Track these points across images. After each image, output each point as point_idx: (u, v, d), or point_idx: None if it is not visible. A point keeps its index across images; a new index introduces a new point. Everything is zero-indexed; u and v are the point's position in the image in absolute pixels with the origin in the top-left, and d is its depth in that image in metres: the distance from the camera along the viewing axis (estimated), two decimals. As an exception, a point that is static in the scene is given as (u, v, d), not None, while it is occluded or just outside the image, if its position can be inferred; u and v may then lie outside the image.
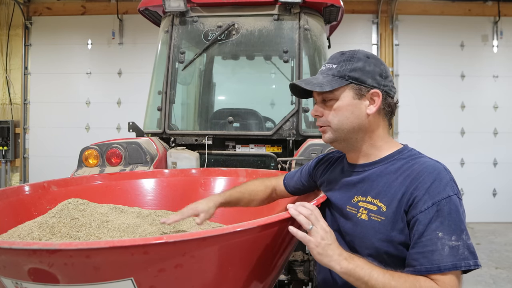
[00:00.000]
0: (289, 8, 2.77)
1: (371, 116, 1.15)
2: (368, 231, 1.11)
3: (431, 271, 0.98)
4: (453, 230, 1.00)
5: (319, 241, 1.01)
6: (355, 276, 0.99)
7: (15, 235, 1.19)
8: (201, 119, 3.35)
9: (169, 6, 2.77)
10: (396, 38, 6.39)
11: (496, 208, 6.25)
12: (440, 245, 0.98)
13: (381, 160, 1.17)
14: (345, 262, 1.00)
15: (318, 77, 1.18)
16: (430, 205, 1.02)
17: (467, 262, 0.98)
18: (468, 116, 6.32)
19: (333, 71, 1.16)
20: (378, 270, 1.00)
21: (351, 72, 1.14)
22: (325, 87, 1.13)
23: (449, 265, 0.97)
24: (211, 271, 0.98)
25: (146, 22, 3.36)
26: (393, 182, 1.11)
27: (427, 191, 1.03)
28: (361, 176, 1.19)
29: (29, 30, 6.58)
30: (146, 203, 1.76)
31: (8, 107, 6.57)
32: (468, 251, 0.99)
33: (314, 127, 2.98)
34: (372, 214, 1.11)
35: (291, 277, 2.42)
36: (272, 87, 3.73)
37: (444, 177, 1.05)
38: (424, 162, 1.11)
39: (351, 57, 1.16)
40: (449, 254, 0.98)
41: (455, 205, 1.02)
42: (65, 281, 0.86)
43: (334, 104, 1.16)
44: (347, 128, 1.16)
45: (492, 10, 6.28)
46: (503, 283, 3.93)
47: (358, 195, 1.17)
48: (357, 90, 1.14)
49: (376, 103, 1.14)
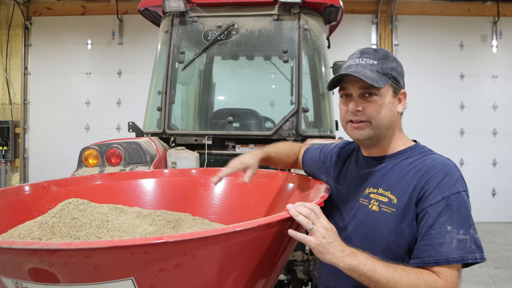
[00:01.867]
0: (288, 8, 2.77)
1: (398, 114, 1.22)
2: (378, 222, 1.14)
3: (439, 263, 1.02)
4: (461, 224, 1.03)
5: (321, 240, 1.02)
6: (358, 272, 1.01)
7: (15, 235, 1.19)
8: (201, 119, 3.35)
9: (169, 6, 2.77)
10: (396, 38, 6.39)
11: (496, 208, 6.26)
12: (449, 238, 1.02)
13: (395, 155, 1.22)
14: (348, 258, 1.02)
15: (365, 71, 1.16)
16: (440, 199, 1.05)
17: (474, 255, 1.02)
18: (468, 116, 6.33)
19: (376, 67, 1.17)
20: (381, 264, 1.02)
21: (392, 71, 1.18)
22: (380, 83, 1.14)
23: (457, 257, 1.01)
24: (211, 271, 0.98)
25: (146, 22, 3.36)
26: (404, 176, 1.14)
27: (438, 186, 1.07)
28: (374, 169, 1.23)
29: (29, 30, 6.58)
30: (146, 203, 1.76)
31: (8, 107, 6.58)
32: (475, 245, 1.02)
33: (313, 127, 2.98)
34: (383, 205, 1.14)
35: (291, 277, 2.42)
36: (272, 87, 3.73)
37: (455, 174, 1.10)
38: (435, 158, 1.15)
39: (386, 56, 1.19)
40: (457, 247, 1.01)
41: (463, 200, 1.06)
42: (65, 281, 0.86)
43: (379, 100, 1.16)
44: (385, 125, 1.18)
45: (491, 10, 6.29)
46: (502, 283, 3.93)
47: (370, 187, 1.21)
48: (394, 89, 1.19)
49: (403, 102, 1.22)
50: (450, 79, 6.32)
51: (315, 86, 3.07)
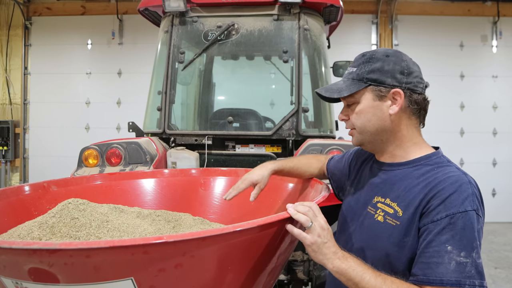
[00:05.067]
0: (288, 8, 2.77)
1: (394, 116, 1.12)
2: (382, 233, 1.11)
3: (432, 283, 0.96)
4: (464, 246, 0.96)
5: (315, 239, 1.01)
6: (346, 276, 0.99)
7: (15, 235, 1.19)
8: (201, 119, 3.35)
9: (169, 6, 2.77)
10: (396, 38, 6.39)
11: (496, 208, 6.25)
12: (447, 259, 0.96)
13: (407, 163, 1.15)
14: (338, 261, 1.00)
15: (339, 83, 1.18)
16: (443, 216, 0.99)
17: (472, 281, 0.94)
18: (468, 116, 6.33)
19: (353, 74, 1.16)
20: (371, 273, 0.99)
21: (369, 74, 1.13)
22: (343, 92, 1.14)
23: (453, 280, 0.94)
24: (211, 271, 0.98)
25: (146, 22, 3.36)
26: (413, 188, 1.09)
27: (444, 202, 1.01)
28: (385, 176, 1.18)
29: (29, 30, 6.58)
30: (146, 203, 1.76)
31: (8, 107, 6.58)
32: (476, 270, 0.96)
33: (313, 127, 2.98)
34: (388, 217, 1.10)
35: (291, 277, 2.42)
36: (272, 87, 3.73)
37: (465, 191, 1.01)
38: (449, 171, 1.07)
39: (370, 58, 1.15)
40: (455, 270, 0.95)
41: (470, 221, 0.98)
42: (65, 281, 0.86)
43: (356, 108, 1.15)
44: (370, 130, 1.15)
45: (491, 10, 6.29)
46: (502, 283, 3.93)
47: (379, 196, 1.17)
48: (376, 92, 1.12)
49: (398, 102, 1.11)
50: (450, 79, 6.32)
51: (315, 86, 3.07)
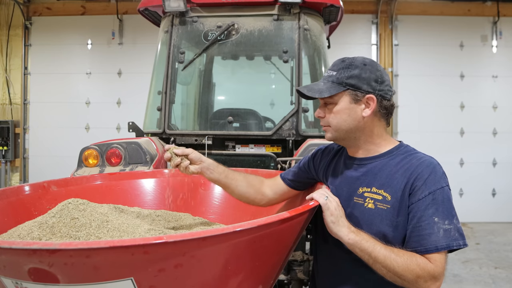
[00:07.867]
0: (288, 8, 2.77)
1: (367, 118, 1.28)
2: (375, 218, 1.24)
3: (429, 251, 1.15)
4: (446, 215, 1.17)
5: (333, 211, 1.19)
6: (360, 247, 1.15)
7: (15, 235, 1.19)
8: (201, 119, 3.35)
9: (169, 6, 2.77)
10: (396, 38, 6.39)
11: (496, 208, 6.26)
12: (436, 228, 1.15)
13: (382, 155, 1.31)
14: (353, 234, 1.17)
15: (319, 84, 1.31)
16: (427, 193, 1.18)
17: (458, 242, 1.16)
18: (468, 116, 6.33)
19: (333, 78, 1.29)
20: (381, 244, 1.16)
21: (348, 79, 1.26)
22: (324, 94, 1.27)
23: (444, 245, 1.14)
24: (211, 271, 0.98)
25: (146, 22, 3.36)
26: (394, 174, 1.25)
27: (425, 182, 1.20)
28: (364, 169, 1.32)
29: (29, 30, 6.58)
30: (146, 203, 1.77)
31: (8, 107, 6.57)
32: (458, 233, 1.17)
33: (313, 127, 2.98)
34: (378, 203, 1.25)
35: (290, 277, 2.42)
36: (272, 87, 3.73)
37: (439, 171, 1.23)
38: (421, 157, 1.27)
39: (350, 64, 1.28)
40: (444, 236, 1.15)
41: (447, 194, 1.20)
42: (65, 281, 0.87)
43: (334, 108, 1.29)
44: (344, 129, 1.29)
45: (491, 10, 6.29)
46: (502, 283, 3.93)
47: (363, 187, 1.30)
48: (353, 96, 1.26)
49: (371, 106, 1.27)
50: (450, 79, 6.32)
51: (315, 86, 3.06)
